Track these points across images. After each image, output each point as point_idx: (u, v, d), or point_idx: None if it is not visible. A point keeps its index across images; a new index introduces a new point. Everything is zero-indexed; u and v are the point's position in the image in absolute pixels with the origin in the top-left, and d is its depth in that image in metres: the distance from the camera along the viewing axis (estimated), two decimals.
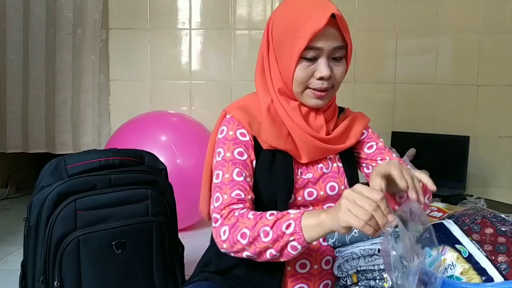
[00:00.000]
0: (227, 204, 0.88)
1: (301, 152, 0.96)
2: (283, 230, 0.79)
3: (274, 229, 0.80)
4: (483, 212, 1.14)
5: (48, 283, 1.12)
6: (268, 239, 0.80)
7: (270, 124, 0.94)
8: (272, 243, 0.81)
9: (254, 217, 0.83)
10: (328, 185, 0.98)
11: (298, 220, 0.79)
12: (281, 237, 0.79)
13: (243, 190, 0.89)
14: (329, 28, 0.87)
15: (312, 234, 0.78)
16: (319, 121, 0.97)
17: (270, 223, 0.81)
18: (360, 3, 2.50)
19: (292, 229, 0.79)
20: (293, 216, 0.80)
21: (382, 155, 1.04)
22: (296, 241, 0.79)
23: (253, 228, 0.82)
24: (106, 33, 2.58)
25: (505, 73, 2.53)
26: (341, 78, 0.95)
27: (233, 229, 0.84)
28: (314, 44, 0.88)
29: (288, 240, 0.79)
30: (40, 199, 1.13)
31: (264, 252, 0.82)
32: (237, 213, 0.86)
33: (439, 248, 1.08)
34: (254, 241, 0.82)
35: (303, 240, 0.78)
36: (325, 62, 0.90)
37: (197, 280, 0.99)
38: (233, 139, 0.94)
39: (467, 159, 2.20)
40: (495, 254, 1.02)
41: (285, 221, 0.80)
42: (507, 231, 1.07)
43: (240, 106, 0.97)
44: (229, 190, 0.89)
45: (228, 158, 0.92)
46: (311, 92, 0.93)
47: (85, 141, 2.69)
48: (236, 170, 0.90)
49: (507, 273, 1.00)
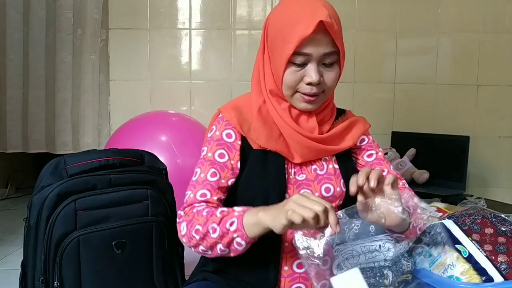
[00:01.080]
0: (190, 202, 0.92)
1: (294, 152, 0.96)
2: (227, 227, 0.83)
3: (221, 226, 0.84)
4: (483, 212, 1.14)
5: (48, 283, 1.12)
6: (216, 235, 0.84)
7: (261, 125, 0.95)
8: (219, 239, 0.84)
9: (206, 214, 0.87)
10: (324, 186, 0.97)
11: (240, 218, 0.83)
12: (226, 233, 0.83)
13: (211, 190, 0.92)
14: (318, 34, 0.86)
15: (253, 231, 0.82)
16: (311, 123, 0.97)
17: (217, 220, 0.85)
18: (360, 3, 2.50)
19: (235, 226, 0.82)
20: (237, 214, 0.84)
21: (381, 165, 1.04)
22: (239, 238, 0.82)
23: (204, 225, 0.86)
24: (106, 33, 2.58)
25: (505, 73, 2.53)
26: (333, 84, 0.94)
27: (190, 225, 0.89)
28: (302, 50, 0.88)
29: (232, 237, 0.83)
30: (40, 199, 1.13)
31: (214, 246, 0.86)
32: (195, 210, 0.90)
33: (439, 248, 1.08)
34: (205, 236, 0.86)
35: (246, 236, 0.82)
36: (315, 67, 0.89)
37: (197, 280, 0.99)
38: (217, 140, 0.96)
39: (467, 159, 2.20)
40: (495, 254, 1.02)
41: (229, 218, 0.84)
42: (507, 231, 1.07)
43: (233, 106, 0.98)
44: (198, 189, 0.92)
45: (208, 158, 0.95)
46: (300, 96, 0.93)
47: (85, 141, 2.69)
48: (211, 171, 0.93)
49: (507, 273, 1.00)
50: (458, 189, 2.16)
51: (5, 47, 2.68)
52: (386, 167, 1.04)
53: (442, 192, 2.07)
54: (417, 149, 2.33)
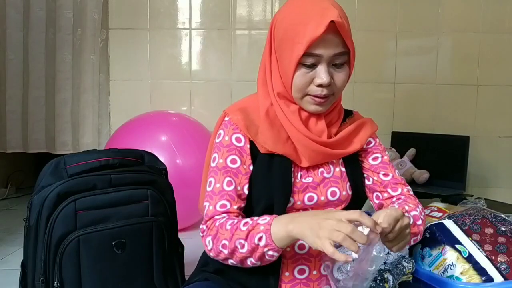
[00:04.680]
0: (211, 215, 0.90)
1: (301, 156, 0.94)
2: (256, 242, 0.82)
3: (248, 241, 0.83)
4: (483, 212, 1.14)
5: (48, 283, 1.12)
6: (245, 250, 0.83)
7: (268, 128, 0.93)
8: (249, 253, 0.83)
9: (230, 228, 0.85)
10: (330, 190, 0.96)
11: (268, 233, 0.81)
12: (256, 248, 0.82)
13: (231, 200, 0.90)
14: (328, 35, 0.84)
15: (284, 243, 0.81)
16: (320, 126, 0.95)
17: (243, 235, 0.83)
18: (360, 3, 2.50)
19: (264, 241, 0.81)
20: (263, 228, 0.82)
21: (386, 170, 1.02)
22: (271, 251, 0.81)
23: (230, 240, 0.84)
24: (106, 33, 2.58)
25: (505, 73, 2.53)
26: (342, 85, 0.92)
27: (215, 240, 0.87)
28: (313, 51, 0.86)
29: (263, 251, 0.82)
30: (40, 199, 1.13)
31: (245, 260, 0.85)
32: (218, 223, 0.88)
33: (439, 248, 1.08)
34: (234, 252, 0.85)
35: (278, 249, 0.81)
36: (325, 68, 0.87)
37: (197, 280, 0.99)
38: (228, 145, 0.93)
39: (467, 159, 2.20)
40: (495, 254, 1.02)
41: (256, 233, 0.82)
42: (507, 231, 1.07)
43: (240, 108, 0.96)
44: (217, 200, 0.91)
45: (221, 166, 0.92)
46: (310, 99, 0.91)
47: (85, 141, 2.69)
48: (226, 180, 0.91)
49: (507, 273, 1.00)
50: (458, 189, 2.16)
51: (5, 47, 2.68)
52: (391, 172, 1.03)
53: (442, 192, 2.07)
54: (417, 149, 2.33)
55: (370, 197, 1.05)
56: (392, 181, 1.03)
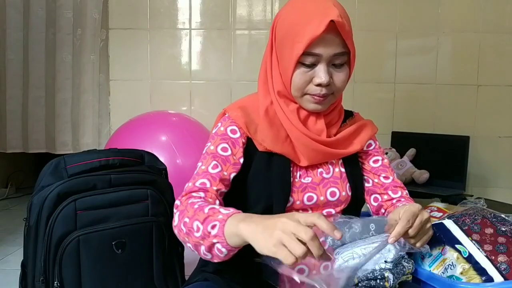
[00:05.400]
0: (188, 191, 0.87)
1: (300, 155, 0.94)
2: (208, 229, 0.75)
3: (204, 225, 0.76)
4: (483, 212, 1.14)
5: (48, 283, 1.12)
6: (198, 235, 0.77)
7: (267, 127, 0.93)
8: (201, 240, 0.77)
9: (197, 207, 0.80)
10: (329, 190, 0.96)
11: (222, 223, 0.74)
12: (207, 236, 0.76)
13: (211, 180, 0.88)
14: (328, 34, 0.85)
15: (235, 241, 0.73)
16: (319, 125, 0.95)
17: (202, 218, 0.77)
18: (360, 3, 2.50)
19: (216, 231, 0.74)
20: (221, 217, 0.75)
21: (386, 172, 1.04)
22: (220, 244, 0.75)
23: (190, 219, 0.79)
24: (106, 33, 2.58)
25: (505, 73, 2.53)
26: (342, 85, 0.92)
27: (181, 216, 0.82)
28: (312, 50, 0.86)
29: (212, 241, 0.75)
30: (40, 199, 1.13)
31: (198, 247, 0.79)
32: (190, 201, 0.84)
33: (439, 248, 1.08)
34: (190, 233, 0.79)
35: (226, 244, 0.74)
36: (324, 68, 0.87)
37: (197, 280, 0.98)
38: (222, 135, 0.93)
39: (467, 159, 2.20)
40: (495, 254, 1.02)
41: (213, 220, 0.76)
42: (507, 231, 1.07)
43: (240, 106, 0.96)
44: (197, 179, 0.88)
45: (210, 151, 0.92)
46: (310, 97, 0.91)
47: (85, 141, 2.69)
48: (213, 163, 0.90)
49: (507, 273, 1.00)
50: (458, 189, 2.15)
51: (5, 47, 2.68)
52: (391, 175, 1.04)
53: (442, 192, 2.06)
54: (417, 149, 2.33)
55: (367, 199, 1.06)
56: (392, 184, 1.04)
